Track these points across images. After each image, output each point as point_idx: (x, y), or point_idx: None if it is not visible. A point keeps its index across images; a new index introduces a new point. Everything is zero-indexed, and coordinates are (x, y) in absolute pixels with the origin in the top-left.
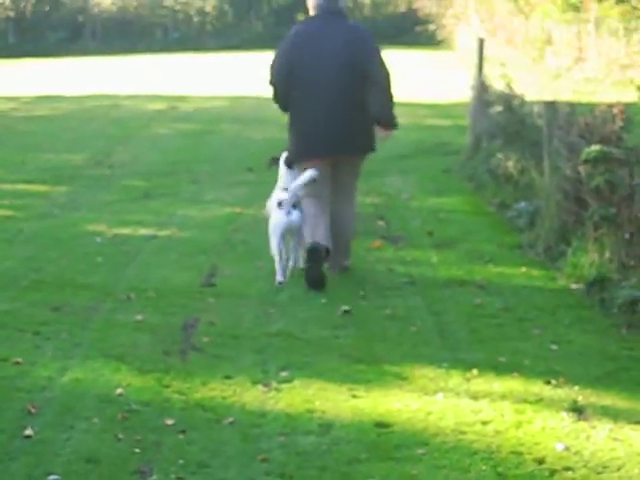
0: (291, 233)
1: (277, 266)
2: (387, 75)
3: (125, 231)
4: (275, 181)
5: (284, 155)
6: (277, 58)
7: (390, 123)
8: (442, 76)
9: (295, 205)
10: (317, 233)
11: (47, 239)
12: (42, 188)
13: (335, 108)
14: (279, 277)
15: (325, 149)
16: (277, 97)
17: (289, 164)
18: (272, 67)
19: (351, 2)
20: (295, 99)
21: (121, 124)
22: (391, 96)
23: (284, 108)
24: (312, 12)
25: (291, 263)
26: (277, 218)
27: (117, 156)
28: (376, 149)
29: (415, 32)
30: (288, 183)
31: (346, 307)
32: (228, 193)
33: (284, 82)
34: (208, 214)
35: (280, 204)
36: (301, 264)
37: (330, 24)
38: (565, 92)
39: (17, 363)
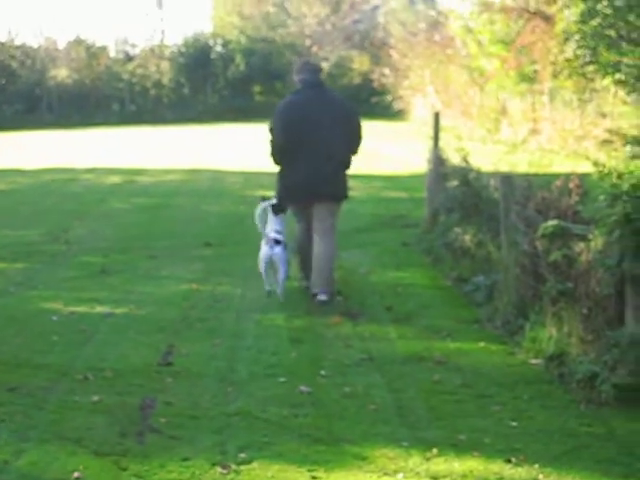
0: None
1: (265, 280)
2: (360, 140)
3: (81, 309)
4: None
5: (272, 201)
6: (276, 121)
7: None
8: (398, 147)
9: (278, 242)
10: (317, 282)
11: (2, 317)
12: None
13: (322, 163)
14: (267, 287)
15: (309, 196)
16: (274, 153)
17: (276, 211)
18: (272, 129)
19: None
20: (288, 155)
21: (78, 198)
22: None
23: (278, 163)
24: (299, 86)
25: (279, 290)
26: (264, 251)
27: (74, 231)
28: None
29: (371, 103)
30: (275, 226)
31: (305, 386)
32: (185, 268)
33: (282, 141)
34: (165, 290)
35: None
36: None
37: (317, 94)
38: (521, 164)
39: None
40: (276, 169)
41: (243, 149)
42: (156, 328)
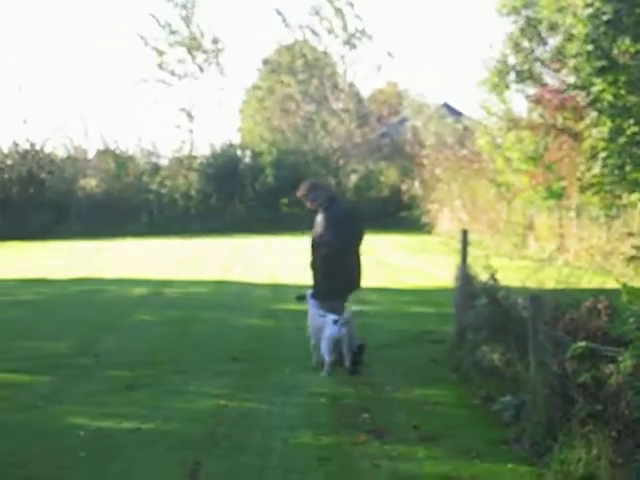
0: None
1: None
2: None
3: (109, 424)
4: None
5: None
6: (335, 227)
7: None
8: (424, 261)
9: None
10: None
11: (31, 432)
12: (25, 378)
13: (358, 262)
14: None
15: (355, 288)
16: (331, 256)
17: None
18: (332, 235)
19: (334, 186)
20: (342, 258)
21: (105, 310)
22: None
23: (331, 265)
24: (324, 200)
25: (347, 364)
26: (334, 332)
27: (101, 345)
28: None
29: (399, 216)
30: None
31: None
32: (212, 384)
33: (340, 245)
34: (192, 406)
35: (336, 321)
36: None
37: (345, 204)
38: (549, 281)
39: None
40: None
41: (271, 261)
42: (183, 444)
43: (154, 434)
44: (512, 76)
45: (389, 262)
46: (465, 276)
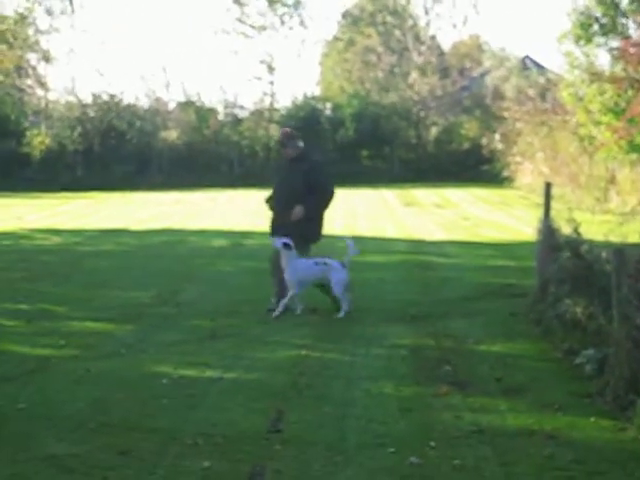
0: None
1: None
2: None
3: (191, 372)
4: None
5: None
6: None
7: None
8: (505, 215)
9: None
10: None
11: (114, 380)
12: (109, 326)
13: None
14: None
15: None
16: (332, 198)
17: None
18: (331, 178)
19: (415, 138)
20: None
21: (186, 261)
22: None
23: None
24: (303, 149)
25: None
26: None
27: (183, 295)
28: None
29: (479, 170)
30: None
31: (415, 457)
32: (294, 334)
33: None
34: (274, 356)
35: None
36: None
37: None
38: (632, 235)
39: None
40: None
41: (350, 214)
42: (265, 394)
43: (236, 383)
44: (595, 28)
45: (470, 216)
46: (548, 229)
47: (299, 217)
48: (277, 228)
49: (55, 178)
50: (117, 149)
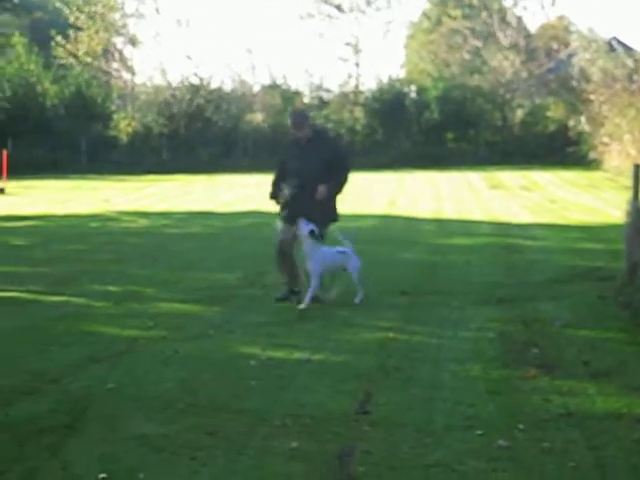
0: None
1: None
2: None
3: (279, 354)
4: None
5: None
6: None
7: None
8: (593, 197)
9: None
10: None
11: (201, 361)
12: (196, 308)
13: None
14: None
15: None
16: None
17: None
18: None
19: (500, 120)
20: None
21: (272, 243)
22: None
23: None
24: (311, 131)
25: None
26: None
27: (270, 276)
28: None
29: (565, 152)
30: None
31: (503, 440)
32: (381, 316)
33: None
34: (362, 338)
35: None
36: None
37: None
38: None
39: None
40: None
41: (436, 196)
42: (353, 376)
43: (324, 365)
44: None
45: (557, 198)
46: (637, 211)
47: (324, 196)
48: (294, 211)
49: (141, 161)
50: (203, 132)
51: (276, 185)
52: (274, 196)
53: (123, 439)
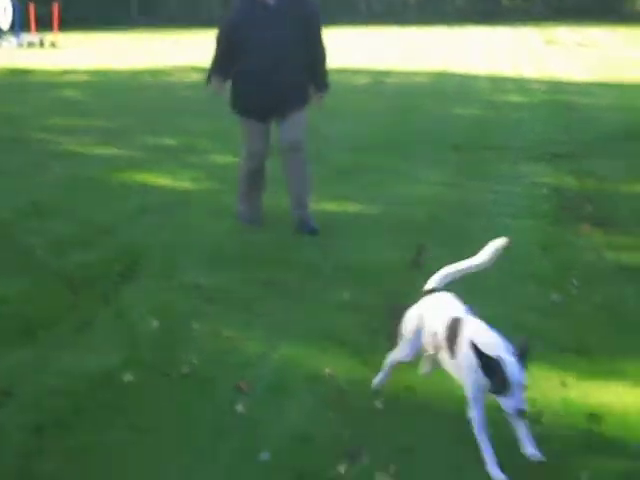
0: None
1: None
2: None
3: (332, 206)
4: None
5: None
6: None
7: None
8: None
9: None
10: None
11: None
12: None
13: None
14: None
15: None
16: None
17: None
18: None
19: None
20: None
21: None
22: None
23: None
24: None
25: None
26: None
27: (326, 129)
28: None
29: (624, 9)
30: None
31: (556, 294)
32: (435, 171)
33: None
34: (415, 192)
35: None
36: None
37: None
38: None
39: (228, 338)
40: None
41: (490, 53)
42: (406, 229)
43: (378, 218)
44: None
45: (614, 56)
46: None
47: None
48: (263, 105)
49: (195, 15)
50: None
51: (221, 66)
52: (215, 81)
53: (177, 288)
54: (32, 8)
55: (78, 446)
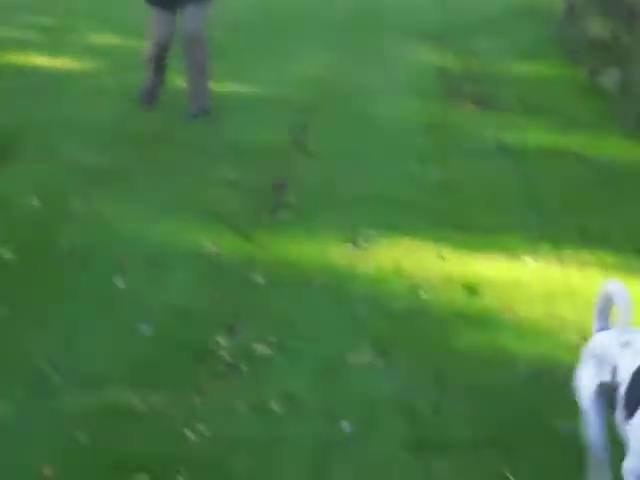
0: None
1: None
2: None
3: (217, 88)
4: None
5: None
6: None
7: None
8: None
9: None
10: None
11: (137, 95)
12: (131, 42)
13: None
14: None
15: None
16: None
17: None
18: None
19: None
20: None
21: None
22: None
23: None
24: None
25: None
26: None
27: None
28: None
29: None
30: None
31: (437, 170)
32: (321, 51)
33: None
34: (301, 72)
35: None
36: None
37: None
38: None
39: (109, 215)
40: None
41: None
42: (290, 108)
43: (263, 97)
44: None
45: None
46: None
47: None
48: None
49: None
50: None
51: None
52: None
53: (57, 167)
54: None
55: None
